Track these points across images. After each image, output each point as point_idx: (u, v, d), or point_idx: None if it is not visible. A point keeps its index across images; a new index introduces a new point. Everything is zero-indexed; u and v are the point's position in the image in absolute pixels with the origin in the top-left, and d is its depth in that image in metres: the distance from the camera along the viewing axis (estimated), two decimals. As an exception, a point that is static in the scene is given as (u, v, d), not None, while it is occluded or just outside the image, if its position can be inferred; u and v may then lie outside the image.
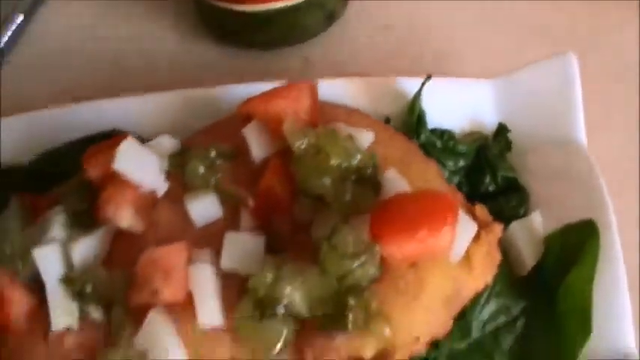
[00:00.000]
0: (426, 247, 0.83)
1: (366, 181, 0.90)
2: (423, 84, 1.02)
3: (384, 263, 0.84)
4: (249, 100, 0.94)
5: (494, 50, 1.20)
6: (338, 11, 1.22)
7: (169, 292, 0.85)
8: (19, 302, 0.89)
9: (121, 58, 1.23)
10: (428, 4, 1.25)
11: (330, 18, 1.22)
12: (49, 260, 0.90)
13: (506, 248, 0.93)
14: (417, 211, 0.84)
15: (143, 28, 1.25)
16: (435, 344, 0.90)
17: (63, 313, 0.89)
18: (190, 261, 0.87)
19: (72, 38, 1.25)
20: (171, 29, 1.11)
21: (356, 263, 0.83)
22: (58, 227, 0.93)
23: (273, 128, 0.92)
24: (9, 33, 1.28)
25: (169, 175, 0.95)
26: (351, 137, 0.90)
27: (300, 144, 0.89)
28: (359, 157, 0.89)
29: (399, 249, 0.83)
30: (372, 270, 0.83)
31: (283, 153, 0.92)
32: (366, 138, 0.92)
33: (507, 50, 1.20)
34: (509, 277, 0.94)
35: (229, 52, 1.23)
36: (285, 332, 0.84)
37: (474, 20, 1.24)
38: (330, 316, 0.83)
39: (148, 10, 1.28)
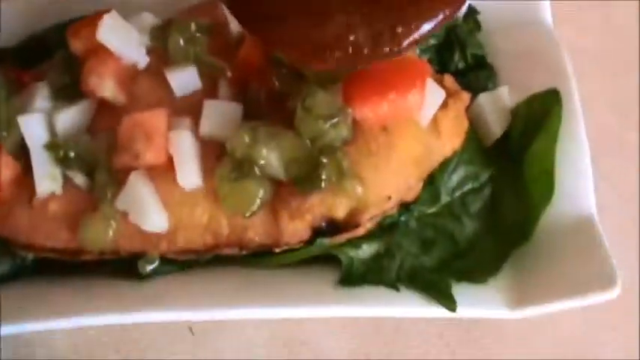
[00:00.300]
0: (396, 108, 0.87)
1: (341, 53, 0.93)
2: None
3: (356, 126, 0.88)
4: (228, -24, 0.96)
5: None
6: None
7: (151, 155, 0.89)
8: (5, 168, 0.92)
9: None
10: None
11: None
12: (33, 127, 0.93)
13: (474, 120, 0.97)
14: (388, 75, 0.88)
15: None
16: (406, 207, 0.94)
17: (47, 179, 0.92)
18: (171, 127, 0.90)
19: None
20: None
21: (328, 124, 0.86)
22: (42, 99, 0.96)
23: (251, 2, 0.95)
24: None
25: (150, 50, 0.97)
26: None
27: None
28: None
29: (371, 110, 0.87)
30: (344, 131, 0.87)
31: (259, 27, 0.95)
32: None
33: None
34: (478, 146, 0.98)
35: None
36: (261, 192, 0.88)
37: None
38: (304, 175, 0.87)
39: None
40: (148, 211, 0.89)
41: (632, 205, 1.04)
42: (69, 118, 0.94)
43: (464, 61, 1.05)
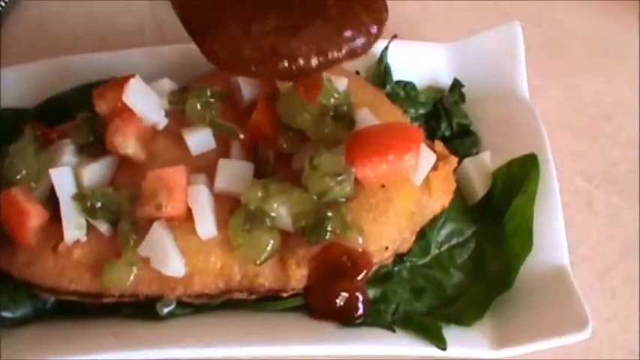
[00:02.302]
0: (394, 168, 0.98)
1: (341, 117, 1.04)
2: (390, 41, 1.17)
3: (357, 184, 0.99)
4: (241, 47, 1.06)
5: (450, 21, 1.37)
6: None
7: (172, 207, 0.98)
8: (35, 216, 1.00)
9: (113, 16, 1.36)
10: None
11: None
12: (63, 179, 1.01)
13: (460, 181, 1.08)
14: (387, 139, 0.99)
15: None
16: (399, 258, 1.04)
17: (74, 227, 1.00)
18: (189, 183, 0.99)
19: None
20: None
21: (334, 181, 0.96)
22: (69, 154, 1.05)
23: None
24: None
25: (168, 112, 1.07)
26: (329, 79, 1.04)
27: (287, 85, 1.02)
28: (336, 96, 1.04)
29: (372, 170, 0.98)
30: (347, 188, 0.97)
31: (269, 95, 1.06)
32: (341, 83, 1.06)
33: (461, 21, 1.36)
34: (463, 205, 1.08)
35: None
36: (271, 242, 0.97)
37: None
38: (310, 227, 0.97)
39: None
40: (169, 258, 0.97)
41: (598, 255, 1.15)
42: (94, 171, 1.03)
43: (450, 129, 1.16)
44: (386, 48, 1.17)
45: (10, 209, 1.01)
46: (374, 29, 0.97)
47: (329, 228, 0.96)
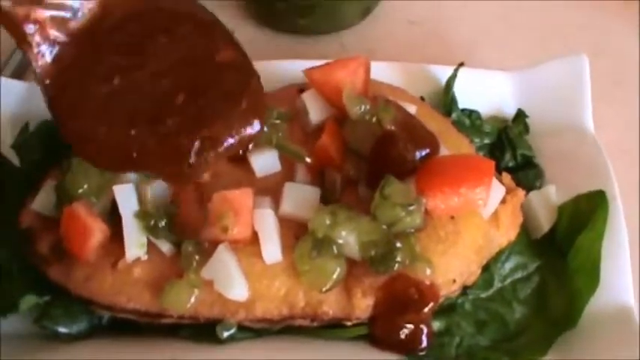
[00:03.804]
0: (464, 201, 0.97)
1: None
2: (457, 68, 1.16)
3: (426, 215, 0.97)
4: (312, 70, 1.06)
5: (511, 46, 1.35)
6: (372, 6, 1.36)
7: (238, 230, 0.97)
8: (97, 232, 1.00)
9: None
10: (449, 4, 1.39)
11: (365, 12, 1.35)
12: (126, 196, 1.00)
13: (525, 215, 1.06)
14: (459, 170, 0.98)
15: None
16: (463, 291, 1.03)
17: (136, 245, 0.99)
18: (254, 206, 0.98)
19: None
20: (218, 9, 1.22)
21: (404, 212, 0.95)
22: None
23: (329, 96, 1.04)
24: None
25: (232, 132, 1.06)
26: (400, 107, 1.03)
27: (357, 110, 1.01)
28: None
29: (442, 202, 0.97)
30: (417, 219, 0.96)
31: (337, 118, 1.05)
32: (410, 110, 1.05)
33: (521, 47, 1.35)
34: (527, 239, 1.07)
35: (272, 35, 1.35)
36: (338, 270, 0.96)
37: (492, 18, 1.39)
38: (379, 257, 0.96)
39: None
40: (233, 282, 0.96)
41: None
42: (157, 189, 1.02)
43: (514, 160, 1.15)
44: (453, 76, 1.16)
45: (72, 225, 1.00)
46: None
47: (398, 259, 0.95)
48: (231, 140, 0.95)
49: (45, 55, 0.98)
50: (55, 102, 0.98)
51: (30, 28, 0.96)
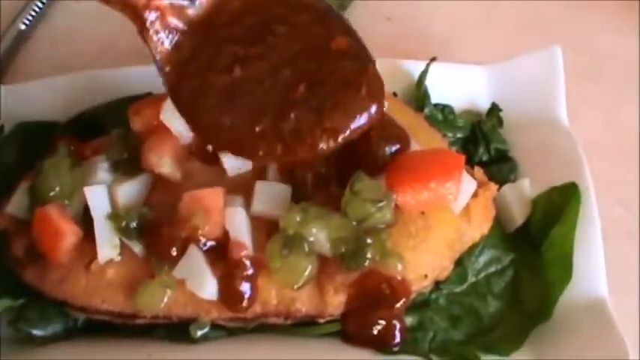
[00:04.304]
0: (434, 196, 0.97)
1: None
2: (429, 63, 1.16)
3: (397, 210, 0.97)
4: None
5: (489, 42, 1.35)
6: (347, 3, 1.35)
7: (209, 229, 0.97)
8: (69, 234, 0.99)
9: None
10: (425, 1, 1.39)
11: (341, 8, 1.34)
12: (97, 198, 1.00)
13: (498, 208, 1.06)
14: (429, 165, 0.97)
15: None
16: (437, 286, 1.03)
17: (108, 246, 0.99)
18: (225, 205, 0.98)
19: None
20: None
21: (374, 208, 0.95)
22: (103, 171, 1.03)
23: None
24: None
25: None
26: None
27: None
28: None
29: (413, 197, 0.96)
30: (387, 215, 0.96)
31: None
32: (381, 105, 1.05)
33: (499, 42, 1.35)
34: (501, 232, 1.07)
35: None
36: (310, 267, 0.96)
37: (471, 14, 1.39)
38: (349, 253, 0.95)
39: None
40: (205, 280, 0.96)
41: (637, 286, 1.13)
42: (129, 190, 1.02)
43: (488, 154, 1.15)
44: (425, 71, 1.16)
45: (43, 227, 1.00)
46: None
47: (368, 255, 0.95)
48: (352, 127, 0.94)
49: (164, 42, 0.98)
50: (175, 91, 0.98)
51: (151, 16, 0.96)
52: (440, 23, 1.37)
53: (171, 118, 1.02)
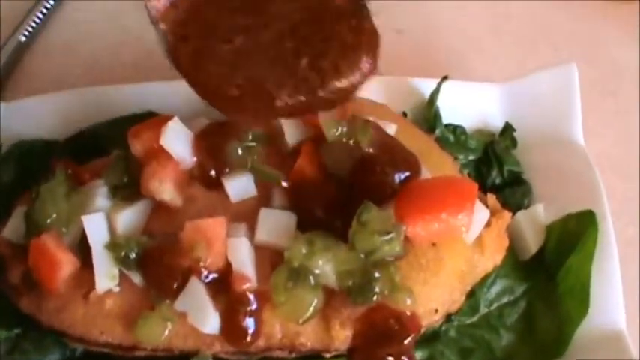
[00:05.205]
0: (446, 227, 0.93)
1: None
2: (440, 82, 1.12)
3: (407, 242, 0.93)
4: (287, 90, 1.01)
5: (500, 56, 1.31)
6: (356, 14, 1.30)
7: (211, 261, 0.93)
8: (66, 264, 0.96)
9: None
10: (438, 13, 1.35)
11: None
12: (96, 227, 0.97)
13: (511, 235, 1.02)
14: (440, 195, 0.93)
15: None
16: (447, 318, 0.99)
17: (106, 277, 0.96)
18: (228, 234, 0.94)
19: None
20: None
21: (383, 239, 0.91)
22: (101, 198, 1.00)
23: (307, 117, 1.00)
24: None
25: (206, 154, 1.02)
26: (379, 128, 0.99)
27: (333, 132, 0.97)
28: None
29: (423, 228, 0.92)
30: (397, 247, 0.92)
31: (314, 140, 1.00)
32: (390, 129, 1.01)
33: (511, 57, 1.30)
34: (514, 260, 1.04)
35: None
36: (315, 301, 0.92)
37: (482, 27, 1.34)
38: (357, 287, 0.91)
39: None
40: (207, 314, 0.93)
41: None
42: (128, 217, 0.99)
43: (501, 177, 1.11)
44: (437, 90, 1.12)
45: (40, 257, 0.97)
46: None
47: (377, 289, 0.91)
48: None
49: None
50: (175, 53, 0.94)
51: None
52: (450, 36, 1.32)
53: (172, 143, 0.98)
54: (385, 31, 1.30)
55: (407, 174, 0.96)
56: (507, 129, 1.14)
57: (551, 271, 1.02)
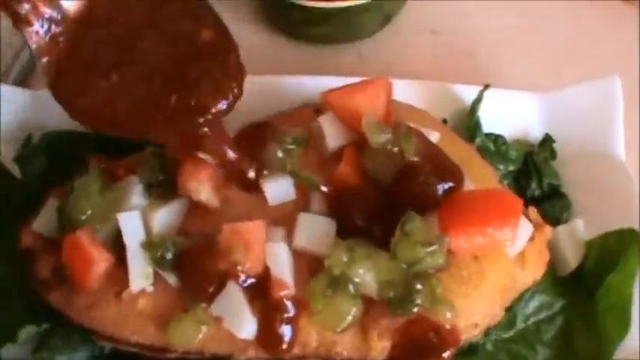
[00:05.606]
0: (490, 241, 0.91)
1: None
2: (482, 91, 1.10)
3: (449, 254, 0.92)
4: (329, 93, 1.00)
5: (535, 60, 1.29)
6: (392, 15, 1.29)
7: (249, 265, 0.92)
8: (101, 261, 0.95)
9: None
10: (473, 15, 1.32)
11: (386, 20, 1.28)
12: (132, 225, 0.95)
13: (550, 250, 1.01)
14: (485, 209, 0.92)
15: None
16: (485, 331, 0.98)
17: (141, 276, 0.94)
18: (267, 238, 0.93)
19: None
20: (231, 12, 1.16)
21: (426, 251, 0.89)
22: (136, 195, 0.98)
23: (349, 121, 0.98)
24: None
25: (242, 156, 1.00)
26: (423, 136, 0.97)
27: (377, 139, 0.95)
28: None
29: (466, 241, 0.91)
30: (439, 259, 0.90)
31: (356, 145, 0.99)
32: (433, 137, 0.99)
33: (547, 61, 1.28)
34: (552, 276, 1.02)
35: (286, 43, 1.29)
36: (354, 310, 0.91)
37: (517, 30, 1.32)
38: (397, 298, 0.90)
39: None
40: (244, 319, 0.91)
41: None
42: (164, 216, 0.97)
43: (540, 190, 1.09)
44: (479, 99, 1.10)
45: (74, 253, 0.95)
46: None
47: (418, 301, 0.89)
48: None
49: (39, 32, 0.96)
50: (56, 88, 0.97)
51: (24, 8, 0.95)
52: (486, 38, 1.30)
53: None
54: (421, 31, 1.31)
55: (450, 184, 0.95)
56: (547, 140, 1.12)
57: (590, 289, 1.00)
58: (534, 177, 1.09)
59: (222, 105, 0.93)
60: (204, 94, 0.93)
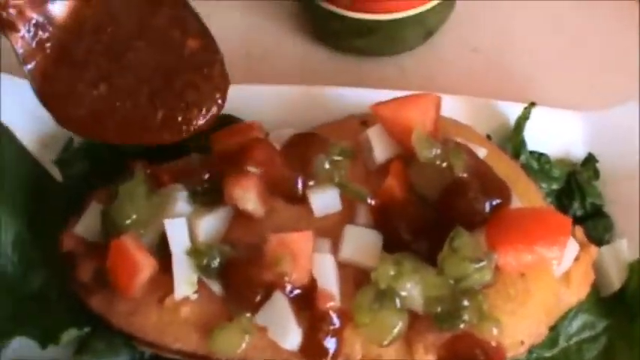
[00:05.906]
0: (538, 260, 0.91)
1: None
2: (528, 108, 1.09)
3: (496, 271, 0.92)
4: (379, 105, 1.00)
5: (575, 77, 1.28)
6: (434, 30, 1.29)
7: (296, 276, 0.92)
8: (146, 267, 0.94)
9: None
10: (514, 33, 1.33)
11: (427, 35, 1.28)
12: (178, 231, 0.95)
13: (594, 270, 1.00)
14: (534, 226, 0.92)
15: (245, 21, 1.32)
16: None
17: (186, 283, 0.94)
18: (313, 249, 0.93)
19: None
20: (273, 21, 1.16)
21: (474, 267, 0.90)
22: (182, 202, 0.98)
23: (397, 134, 0.99)
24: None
25: (289, 165, 1.00)
26: (471, 152, 0.97)
27: (427, 153, 0.95)
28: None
29: (514, 259, 0.91)
30: (487, 276, 0.90)
31: (404, 158, 0.99)
32: (480, 153, 1.00)
33: (585, 79, 1.28)
34: (596, 296, 1.02)
35: (327, 54, 1.30)
36: (400, 324, 0.91)
37: (557, 48, 1.31)
38: (444, 313, 0.90)
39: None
40: (289, 330, 0.91)
41: None
42: (209, 224, 0.97)
43: (583, 209, 1.09)
44: (524, 117, 1.10)
45: (120, 258, 0.94)
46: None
47: (464, 317, 0.89)
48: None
49: (25, 37, 0.97)
50: (43, 95, 0.98)
51: (10, 13, 0.96)
52: (526, 57, 1.30)
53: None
54: (462, 48, 1.31)
55: (498, 201, 0.95)
56: (590, 160, 1.12)
57: (632, 310, 1.00)
58: (577, 196, 1.09)
59: (206, 117, 0.97)
60: (189, 107, 0.96)
